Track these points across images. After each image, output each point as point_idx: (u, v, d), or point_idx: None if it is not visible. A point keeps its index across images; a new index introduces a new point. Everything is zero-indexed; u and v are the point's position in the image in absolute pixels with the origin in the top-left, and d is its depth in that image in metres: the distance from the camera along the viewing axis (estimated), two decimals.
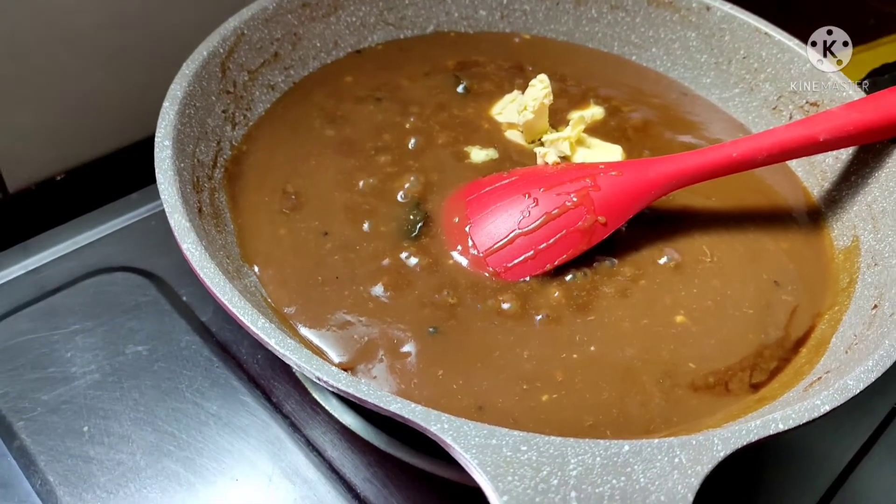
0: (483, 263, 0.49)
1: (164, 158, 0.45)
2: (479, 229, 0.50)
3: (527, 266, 0.48)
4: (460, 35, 0.67)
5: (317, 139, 0.56)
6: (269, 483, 0.46)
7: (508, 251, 0.49)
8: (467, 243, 0.49)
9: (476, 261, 0.49)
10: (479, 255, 0.49)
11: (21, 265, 0.57)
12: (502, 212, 0.50)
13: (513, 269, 0.48)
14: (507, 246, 0.49)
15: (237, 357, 0.52)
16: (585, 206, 0.49)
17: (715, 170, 0.50)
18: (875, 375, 0.37)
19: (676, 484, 0.32)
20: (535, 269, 0.48)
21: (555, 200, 0.49)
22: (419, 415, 0.34)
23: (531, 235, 0.49)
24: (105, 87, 0.64)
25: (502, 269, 0.48)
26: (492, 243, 0.49)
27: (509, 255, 0.49)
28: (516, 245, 0.49)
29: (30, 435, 0.46)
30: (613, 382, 0.43)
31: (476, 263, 0.49)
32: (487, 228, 0.50)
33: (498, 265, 0.48)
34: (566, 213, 0.49)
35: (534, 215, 0.49)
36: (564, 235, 0.49)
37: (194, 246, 0.41)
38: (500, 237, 0.49)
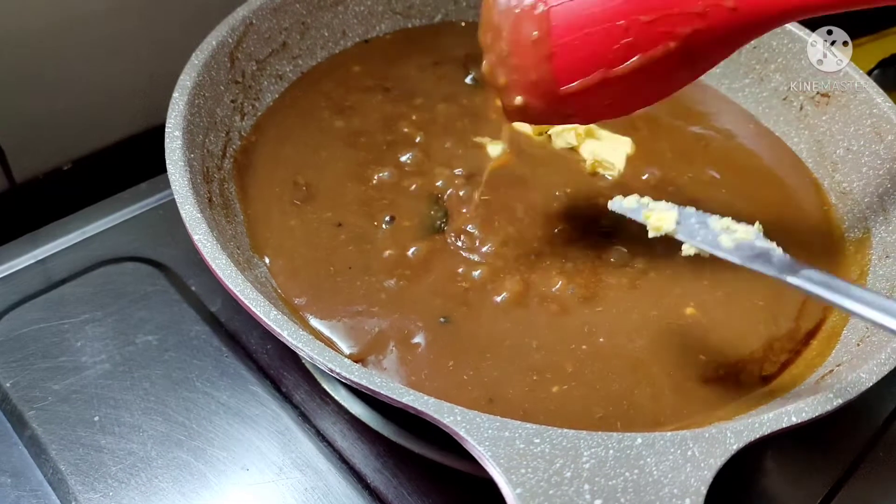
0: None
1: (174, 149, 0.45)
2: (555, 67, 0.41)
3: (603, 109, 0.43)
4: (469, 24, 0.67)
5: (326, 130, 0.56)
6: (280, 473, 0.46)
7: (586, 98, 0.41)
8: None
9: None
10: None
11: (30, 255, 0.57)
12: (590, 41, 0.40)
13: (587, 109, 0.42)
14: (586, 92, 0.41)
15: (246, 347, 0.52)
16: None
17: None
18: (888, 368, 0.37)
19: (689, 477, 0.32)
20: (612, 114, 0.43)
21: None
22: (432, 407, 0.34)
23: (623, 76, 0.40)
24: (112, 76, 0.63)
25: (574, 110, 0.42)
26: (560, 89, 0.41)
27: (588, 104, 0.42)
28: (602, 89, 0.41)
29: (41, 424, 0.47)
30: (623, 374, 0.43)
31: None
32: (570, 65, 0.40)
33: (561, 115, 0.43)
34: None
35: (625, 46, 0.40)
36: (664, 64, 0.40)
37: (206, 237, 0.41)
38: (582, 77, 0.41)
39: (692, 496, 0.32)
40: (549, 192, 0.53)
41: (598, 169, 0.55)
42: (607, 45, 0.40)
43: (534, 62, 0.41)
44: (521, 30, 0.41)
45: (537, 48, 0.41)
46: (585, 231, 0.50)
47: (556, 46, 0.40)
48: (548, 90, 0.42)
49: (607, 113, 0.44)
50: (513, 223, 0.50)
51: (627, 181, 0.54)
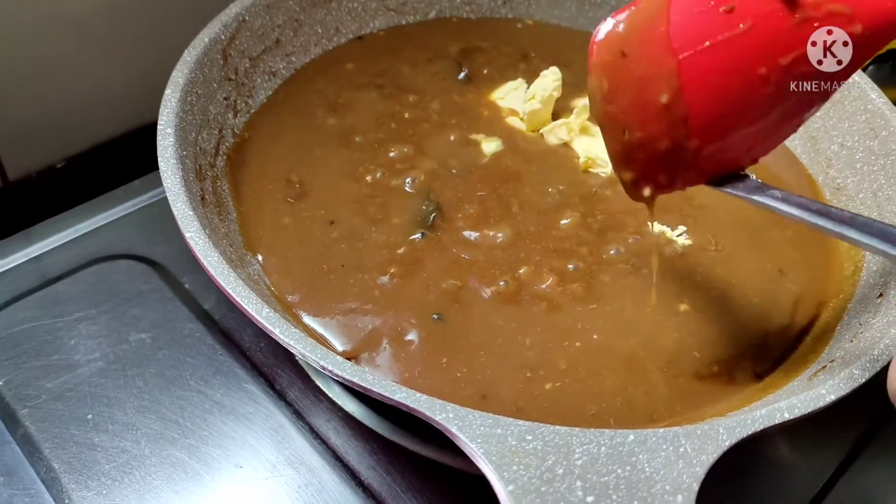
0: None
1: (166, 146, 0.45)
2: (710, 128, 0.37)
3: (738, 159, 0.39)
4: (462, 21, 0.67)
5: (319, 128, 0.56)
6: (273, 470, 0.46)
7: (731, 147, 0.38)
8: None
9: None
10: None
11: (23, 253, 0.57)
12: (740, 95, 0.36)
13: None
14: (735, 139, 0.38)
15: (240, 345, 0.52)
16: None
17: None
18: (881, 364, 0.37)
19: (681, 473, 0.32)
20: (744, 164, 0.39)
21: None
22: (424, 404, 0.34)
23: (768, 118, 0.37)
24: (105, 74, 0.63)
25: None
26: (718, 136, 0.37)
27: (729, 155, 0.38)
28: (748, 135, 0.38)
29: (34, 422, 0.46)
30: (617, 371, 0.43)
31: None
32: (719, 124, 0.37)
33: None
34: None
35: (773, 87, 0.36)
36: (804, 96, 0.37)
37: (197, 234, 0.40)
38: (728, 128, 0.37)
39: (684, 493, 0.32)
40: (542, 189, 0.53)
41: (591, 167, 0.55)
42: (748, 95, 0.36)
43: (666, 129, 0.37)
44: (647, 89, 0.36)
45: (667, 111, 0.36)
46: (579, 228, 0.50)
47: (689, 105, 0.36)
48: (680, 154, 0.37)
49: (737, 166, 0.39)
50: (506, 220, 0.50)
51: None
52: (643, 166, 0.39)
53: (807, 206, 0.36)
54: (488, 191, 0.52)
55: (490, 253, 0.48)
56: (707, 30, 0.35)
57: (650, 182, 0.39)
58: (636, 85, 0.37)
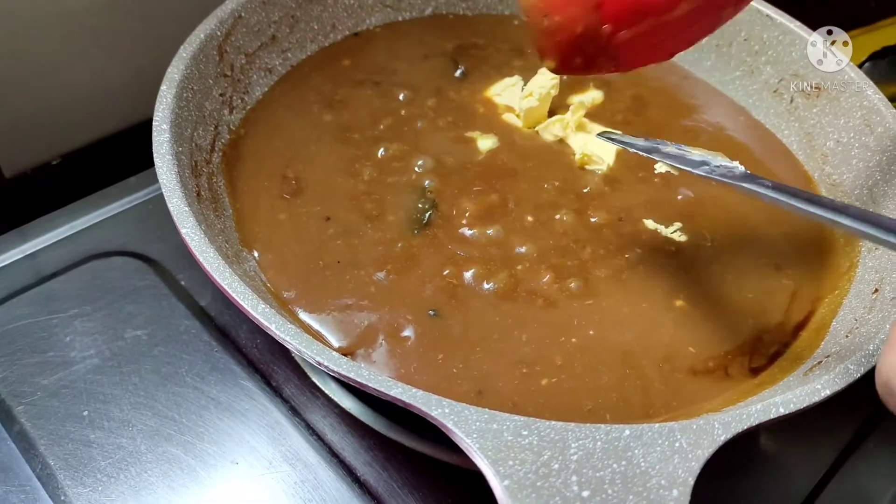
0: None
1: (162, 143, 0.45)
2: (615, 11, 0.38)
3: (649, 51, 0.40)
4: (459, 17, 0.67)
5: (315, 124, 0.56)
6: (269, 467, 0.46)
7: (641, 41, 0.39)
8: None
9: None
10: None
11: (18, 250, 0.56)
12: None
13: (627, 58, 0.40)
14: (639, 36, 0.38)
15: (236, 341, 0.51)
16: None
17: None
18: (876, 360, 0.37)
19: (677, 468, 0.32)
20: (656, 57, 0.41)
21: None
22: (420, 400, 0.34)
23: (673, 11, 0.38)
24: (100, 70, 0.63)
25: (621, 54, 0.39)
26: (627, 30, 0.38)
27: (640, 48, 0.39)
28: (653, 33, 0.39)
29: (30, 419, 0.46)
30: (613, 367, 0.43)
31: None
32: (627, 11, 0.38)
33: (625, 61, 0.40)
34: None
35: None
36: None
37: (193, 231, 0.40)
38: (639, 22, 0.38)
39: (680, 487, 0.32)
40: (538, 186, 0.53)
41: (587, 164, 0.55)
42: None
43: (581, 13, 0.38)
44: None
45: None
46: (575, 224, 0.50)
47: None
48: (595, 39, 0.39)
49: (651, 58, 0.41)
50: (503, 217, 0.50)
51: (616, 175, 0.54)
52: (560, 47, 0.40)
53: (797, 195, 0.38)
54: (484, 187, 0.52)
55: (486, 250, 0.48)
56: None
57: (568, 67, 0.41)
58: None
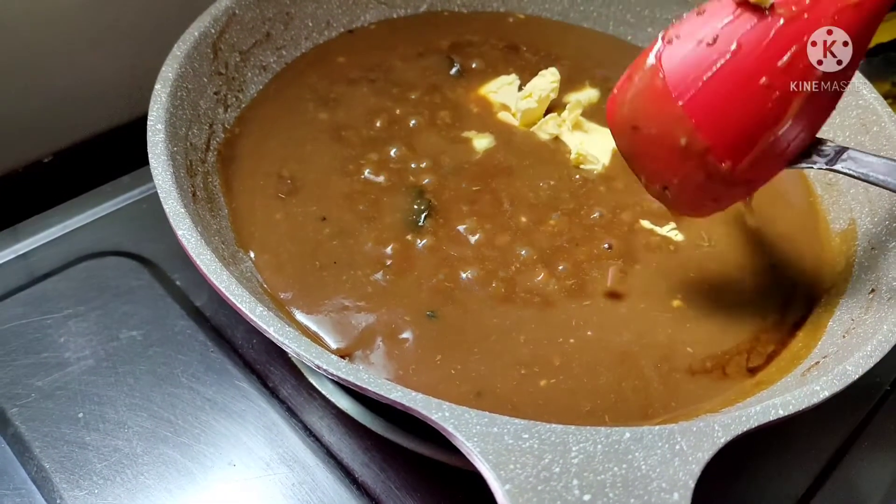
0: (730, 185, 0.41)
1: (156, 142, 0.45)
2: (719, 143, 0.39)
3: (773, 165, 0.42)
4: (453, 14, 0.67)
5: (310, 123, 0.55)
6: (267, 468, 0.45)
7: (761, 159, 0.40)
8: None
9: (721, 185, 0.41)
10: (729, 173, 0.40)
11: (10, 250, 0.56)
12: (743, 109, 0.38)
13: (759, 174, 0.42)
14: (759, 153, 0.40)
15: (232, 342, 0.51)
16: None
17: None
18: (874, 361, 0.37)
19: (678, 471, 0.32)
20: (779, 166, 0.42)
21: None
22: (420, 403, 0.34)
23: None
24: (92, 67, 0.63)
25: (751, 179, 0.41)
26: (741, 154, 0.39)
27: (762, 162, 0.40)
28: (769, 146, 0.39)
29: (24, 422, 0.46)
30: (611, 367, 0.43)
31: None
32: (729, 137, 0.39)
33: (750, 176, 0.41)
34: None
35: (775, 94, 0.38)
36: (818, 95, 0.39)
37: (189, 232, 0.40)
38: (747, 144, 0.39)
39: (680, 490, 0.32)
40: (534, 185, 0.53)
41: (582, 163, 0.54)
42: (759, 107, 0.38)
43: (695, 167, 0.39)
44: (665, 142, 0.40)
45: (689, 151, 0.39)
46: (572, 224, 0.50)
47: (707, 138, 0.39)
48: (721, 179, 0.40)
49: (784, 161, 0.41)
50: (499, 217, 0.50)
51: (612, 174, 0.54)
52: (691, 202, 0.43)
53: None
54: (480, 187, 0.52)
55: (483, 250, 0.48)
56: (699, 67, 0.39)
57: (704, 209, 0.43)
58: (656, 143, 0.40)
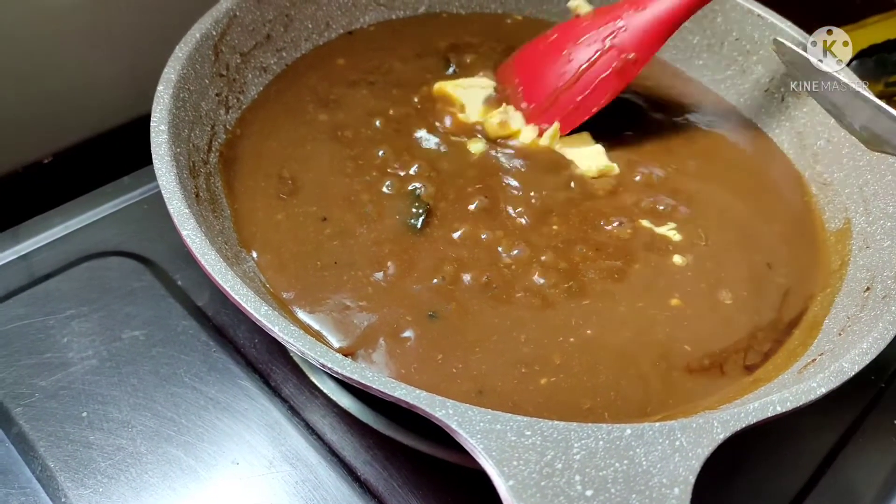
0: (536, 121, 0.56)
1: (160, 143, 0.45)
2: (529, 92, 0.57)
3: (573, 116, 0.55)
4: (452, 16, 0.67)
5: (310, 124, 0.56)
6: (270, 466, 0.46)
7: (555, 109, 0.55)
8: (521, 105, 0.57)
9: (530, 119, 0.56)
10: (532, 112, 0.56)
11: (12, 251, 0.56)
12: (545, 72, 0.56)
13: (562, 122, 0.56)
14: (553, 104, 0.55)
15: (234, 341, 0.52)
16: (616, 49, 0.54)
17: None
18: (870, 358, 0.38)
19: (678, 466, 0.33)
20: (581, 118, 0.55)
21: (587, 51, 0.55)
22: (424, 401, 0.34)
23: (570, 90, 0.55)
24: (91, 68, 0.63)
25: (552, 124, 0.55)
26: (539, 104, 0.56)
27: (556, 112, 0.55)
28: (560, 102, 0.55)
29: (28, 421, 0.46)
30: (610, 365, 0.44)
31: (531, 120, 0.56)
32: (536, 89, 0.56)
33: (549, 121, 0.56)
34: (598, 60, 0.54)
35: (570, 70, 0.55)
36: (600, 82, 0.54)
37: (194, 233, 0.40)
38: (546, 96, 0.56)
39: (681, 485, 0.32)
40: (531, 187, 0.53)
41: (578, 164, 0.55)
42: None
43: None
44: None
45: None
46: (570, 224, 0.51)
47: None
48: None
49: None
50: (497, 218, 0.51)
51: (608, 175, 0.54)
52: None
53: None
54: (478, 189, 0.52)
55: (480, 251, 0.49)
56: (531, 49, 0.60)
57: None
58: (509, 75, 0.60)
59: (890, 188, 0.49)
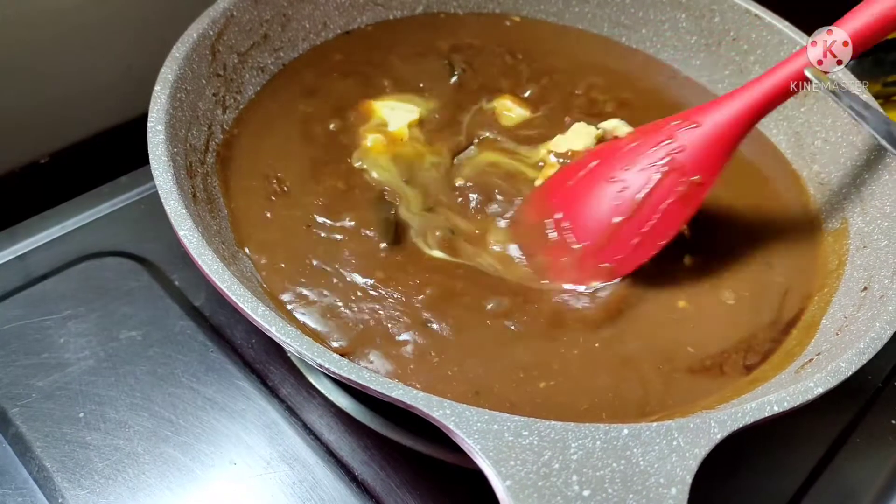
0: (589, 265, 0.47)
1: (157, 143, 0.45)
2: (580, 230, 0.48)
3: (639, 252, 0.47)
4: (450, 16, 0.67)
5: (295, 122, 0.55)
6: (267, 466, 0.46)
7: (616, 245, 0.47)
8: (569, 249, 0.48)
9: (585, 260, 0.48)
10: (587, 253, 0.47)
11: (8, 251, 0.56)
12: (597, 205, 0.48)
13: (626, 259, 0.47)
14: (613, 239, 0.47)
15: (232, 341, 0.52)
16: (676, 172, 0.46)
17: (788, 83, 0.45)
18: (867, 357, 0.38)
19: (675, 466, 0.33)
20: (647, 254, 0.47)
21: (642, 177, 0.47)
22: (421, 401, 0.34)
23: (632, 221, 0.47)
24: (89, 68, 0.63)
25: (615, 264, 0.47)
26: (596, 241, 0.47)
27: (618, 248, 0.47)
28: (620, 237, 0.47)
29: (25, 422, 0.46)
30: (611, 369, 0.44)
31: (586, 263, 0.48)
32: (588, 226, 0.48)
33: (610, 261, 0.47)
34: (659, 186, 0.46)
35: (628, 198, 0.47)
36: (666, 209, 0.46)
37: (191, 233, 0.40)
38: (602, 232, 0.47)
39: (678, 485, 0.32)
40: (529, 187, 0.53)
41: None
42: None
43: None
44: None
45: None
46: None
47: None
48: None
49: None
50: (495, 219, 0.51)
51: None
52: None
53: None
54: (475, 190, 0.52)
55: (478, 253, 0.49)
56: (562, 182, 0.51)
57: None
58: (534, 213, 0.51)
59: (887, 188, 0.49)
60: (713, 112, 0.47)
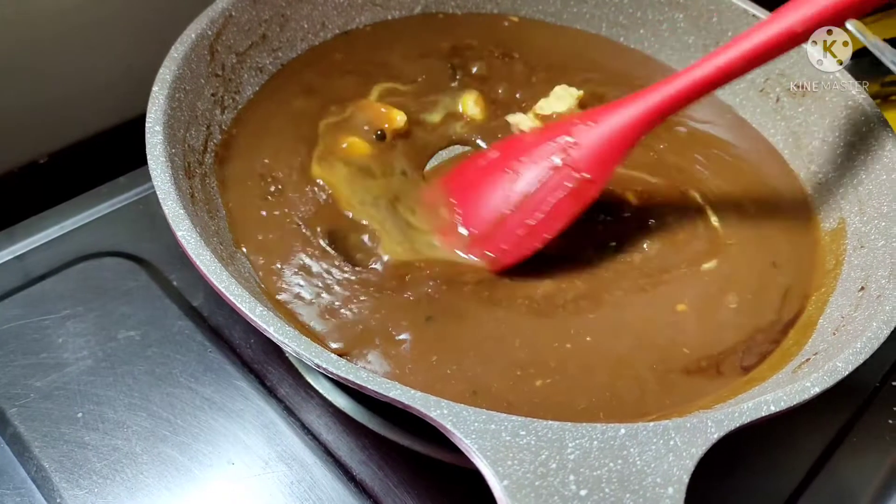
0: (479, 250, 0.48)
1: (155, 144, 0.45)
2: (469, 216, 0.49)
3: (524, 244, 0.47)
4: (448, 16, 0.67)
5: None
6: (265, 466, 0.46)
7: (502, 234, 0.48)
8: (457, 231, 0.49)
9: (472, 247, 0.49)
10: (474, 240, 0.48)
11: (7, 251, 0.56)
12: (487, 194, 0.49)
13: (510, 250, 0.48)
14: (499, 228, 0.48)
15: (230, 341, 0.52)
16: (569, 167, 0.47)
17: (689, 94, 0.46)
18: (864, 357, 0.38)
19: (672, 466, 0.33)
20: (532, 245, 0.47)
21: (536, 171, 0.48)
22: (419, 401, 0.34)
23: (519, 212, 0.47)
24: (88, 68, 0.63)
25: (500, 253, 0.48)
26: (483, 229, 0.48)
27: (503, 238, 0.48)
28: (507, 228, 0.48)
29: (23, 422, 0.46)
30: (607, 368, 0.44)
31: (472, 250, 0.48)
32: (477, 214, 0.49)
33: (494, 249, 0.48)
34: (551, 180, 0.47)
35: (518, 190, 0.48)
36: (555, 203, 0.47)
37: (189, 234, 0.40)
38: (489, 221, 0.48)
39: (675, 485, 0.32)
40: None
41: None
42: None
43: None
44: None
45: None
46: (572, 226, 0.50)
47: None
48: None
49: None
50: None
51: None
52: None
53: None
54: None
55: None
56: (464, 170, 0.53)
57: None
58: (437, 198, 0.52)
59: (884, 188, 0.49)
60: (610, 113, 0.47)
